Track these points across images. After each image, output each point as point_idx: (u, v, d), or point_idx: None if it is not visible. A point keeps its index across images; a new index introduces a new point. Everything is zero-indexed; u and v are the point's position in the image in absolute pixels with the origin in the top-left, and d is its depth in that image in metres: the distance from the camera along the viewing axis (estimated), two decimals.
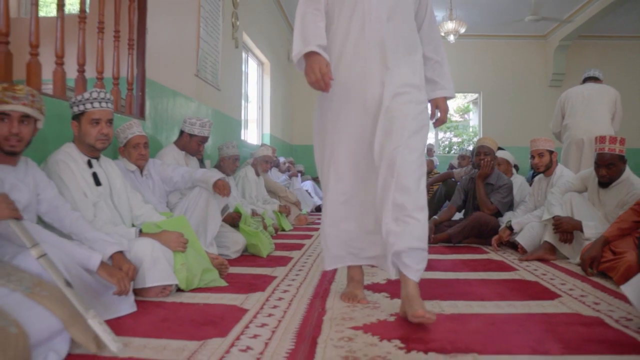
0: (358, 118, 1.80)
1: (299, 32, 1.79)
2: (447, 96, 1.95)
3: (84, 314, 1.37)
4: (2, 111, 1.60)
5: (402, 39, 1.79)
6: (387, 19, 1.76)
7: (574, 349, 1.44)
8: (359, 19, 1.76)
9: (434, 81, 1.93)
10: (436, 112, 1.96)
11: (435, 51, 1.93)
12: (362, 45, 1.77)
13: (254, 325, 1.64)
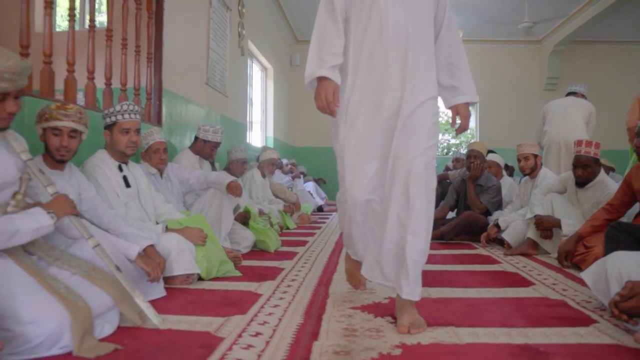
0: (375, 123, 1.76)
1: (315, 49, 1.78)
2: (469, 102, 1.86)
3: (131, 293, 1.67)
4: (55, 127, 1.90)
5: (419, 44, 1.75)
6: (405, 24, 1.72)
7: (535, 322, 1.74)
8: (376, 24, 1.72)
9: (453, 87, 1.85)
10: (457, 118, 1.87)
11: (455, 55, 1.86)
12: (379, 51, 1.73)
13: (268, 306, 1.93)
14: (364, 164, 1.76)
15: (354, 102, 1.78)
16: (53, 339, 1.38)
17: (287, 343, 1.50)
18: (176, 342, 1.51)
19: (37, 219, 1.56)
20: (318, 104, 1.75)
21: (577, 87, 4.96)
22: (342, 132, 1.81)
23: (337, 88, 1.75)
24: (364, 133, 1.76)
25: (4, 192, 1.60)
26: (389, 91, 1.73)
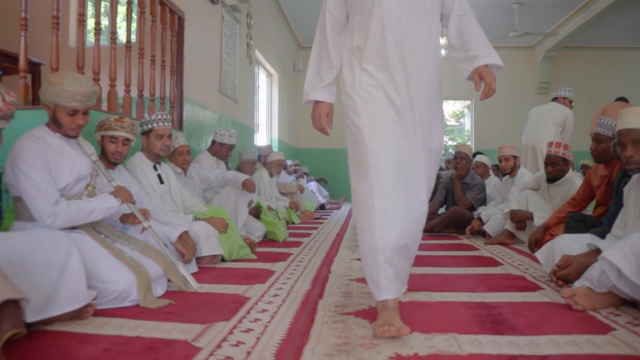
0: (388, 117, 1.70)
1: (314, 63, 1.83)
2: (491, 63, 1.72)
3: (176, 264, 2.13)
4: (112, 135, 2.37)
5: (422, 42, 1.71)
6: (407, 20, 1.68)
7: (493, 289, 2.20)
8: (378, 22, 1.69)
9: (471, 57, 1.73)
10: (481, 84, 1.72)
11: (470, 33, 1.76)
12: (383, 50, 1.69)
13: (282, 279, 2.39)
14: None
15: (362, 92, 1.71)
16: (125, 293, 1.85)
17: (299, 300, 1.96)
18: (214, 300, 1.98)
19: (108, 201, 2.03)
20: (314, 124, 1.85)
21: (560, 92, 5.35)
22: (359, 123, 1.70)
23: (331, 110, 1.84)
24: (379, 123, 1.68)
25: (80, 184, 2.06)
26: (396, 89, 1.68)
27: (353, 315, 1.76)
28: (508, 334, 1.56)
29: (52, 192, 1.90)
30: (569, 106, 5.38)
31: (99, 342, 1.45)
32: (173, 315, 1.75)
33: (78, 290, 1.61)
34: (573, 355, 1.38)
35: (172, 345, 1.42)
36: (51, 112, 2.00)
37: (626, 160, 2.08)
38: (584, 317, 1.76)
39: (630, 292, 1.78)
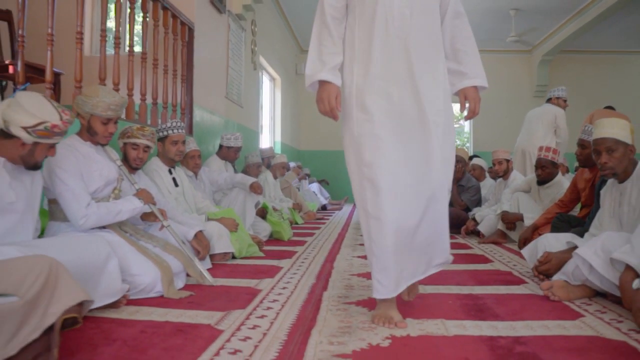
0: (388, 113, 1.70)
1: (314, 50, 1.77)
2: (477, 85, 1.79)
3: (193, 260, 2.36)
4: (134, 143, 2.59)
5: (426, 35, 1.73)
6: (411, 14, 1.69)
7: (481, 283, 2.42)
8: (382, 14, 1.69)
9: (461, 72, 1.79)
10: (466, 103, 1.79)
11: (461, 40, 1.80)
12: (386, 42, 1.69)
13: (289, 274, 2.61)
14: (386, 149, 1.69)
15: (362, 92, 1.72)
16: (151, 286, 2.07)
17: (305, 292, 2.18)
18: (229, 292, 2.20)
19: (133, 203, 2.26)
20: (320, 107, 1.73)
21: (553, 92, 5.47)
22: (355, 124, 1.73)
23: (339, 92, 1.74)
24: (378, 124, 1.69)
25: (108, 188, 2.28)
26: (398, 82, 1.69)
27: (354, 304, 1.99)
28: (490, 319, 1.78)
29: (84, 196, 2.12)
30: (563, 105, 5.50)
31: (134, 325, 1.68)
32: (194, 304, 1.97)
33: (114, 287, 1.84)
34: (543, 336, 1.60)
35: (197, 328, 1.65)
36: (85, 121, 2.23)
37: (601, 167, 2.30)
38: (559, 306, 1.98)
39: (601, 285, 2.00)
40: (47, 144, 1.79)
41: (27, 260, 1.35)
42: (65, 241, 1.80)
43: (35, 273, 1.30)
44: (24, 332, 1.18)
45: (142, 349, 1.45)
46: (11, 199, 1.76)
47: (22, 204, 1.82)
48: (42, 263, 1.34)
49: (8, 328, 1.15)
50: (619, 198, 2.35)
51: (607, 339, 1.58)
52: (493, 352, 1.45)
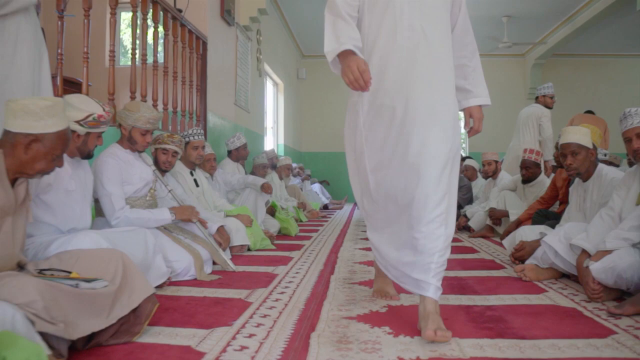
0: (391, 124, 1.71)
1: (331, 33, 1.70)
2: (482, 104, 1.84)
3: (218, 250, 2.75)
4: (164, 148, 2.97)
5: (436, 46, 1.70)
6: (420, 24, 1.68)
7: (467, 269, 2.81)
8: (391, 25, 1.68)
9: (466, 89, 1.82)
10: (470, 121, 1.85)
11: (469, 57, 1.82)
12: (394, 53, 1.68)
13: (300, 262, 3.00)
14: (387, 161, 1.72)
15: (368, 104, 1.74)
16: (185, 270, 2.46)
17: (315, 275, 2.57)
18: (250, 276, 2.59)
19: (163, 215, 2.56)
20: (349, 77, 1.59)
21: (540, 90, 5.62)
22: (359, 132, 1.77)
23: (367, 62, 1.63)
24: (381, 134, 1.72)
25: (145, 188, 2.67)
26: (405, 93, 1.67)
27: (357, 284, 2.38)
28: (469, 294, 2.17)
29: (119, 201, 2.48)
30: (550, 103, 5.67)
31: (180, 300, 2.06)
32: (224, 285, 2.36)
33: (161, 272, 2.23)
34: (510, 305, 1.99)
35: (231, 301, 2.03)
36: (127, 132, 2.61)
37: (567, 167, 2.68)
38: (528, 285, 2.37)
39: (564, 266, 2.39)
40: (96, 133, 2.15)
41: (104, 253, 1.73)
42: (127, 235, 2.17)
43: (114, 265, 1.66)
44: (116, 309, 1.55)
45: (191, 315, 1.83)
46: (72, 187, 2.12)
47: (79, 193, 2.17)
48: (116, 257, 1.70)
49: (107, 304, 1.52)
50: (583, 195, 2.74)
51: (560, 306, 1.97)
52: (468, 315, 1.84)
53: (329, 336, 1.58)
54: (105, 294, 1.52)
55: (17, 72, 2.31)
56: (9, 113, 1.55)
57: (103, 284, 1.54)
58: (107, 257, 1.70)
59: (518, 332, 1.64)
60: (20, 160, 1.54)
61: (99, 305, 1.50)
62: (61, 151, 1.62)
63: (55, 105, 1.59)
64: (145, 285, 1.70)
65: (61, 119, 1.60)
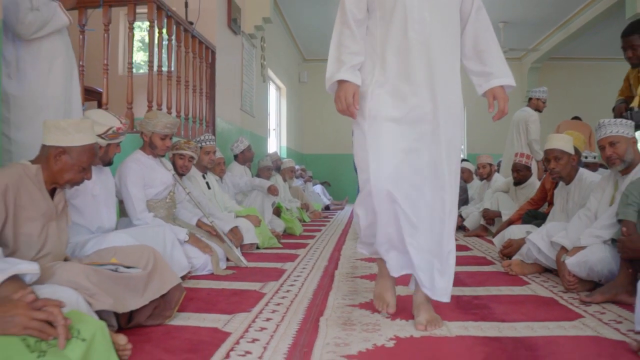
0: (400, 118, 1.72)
1: (334, 52, 1.78)
2: (506, 84, 1.78)
3: (232, 247, 3.00)
4: (181, 154, 3.22)
5: (446, 40, 1.72)
6: (430, 18, 1.68)
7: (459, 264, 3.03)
8: (401, 18, 1.69)
9: (486, 72, 1.76)
10: (495, 104, 1.78)
11: (485, 42, 1.77)
12: (405, 46, 1.69)
13: (306, 259, 3.25)
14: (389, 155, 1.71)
15: (378, 96, 1.73)
16: (203, 265, 2.71)
17: (321, 270, 2.82)
18: (261, 271, 2.84)
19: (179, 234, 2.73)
20: (338, 106, 1.73)
21: (534, 92, 5.72)
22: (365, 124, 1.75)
23: (357, 90, 1.73)
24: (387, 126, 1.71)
25: (165, 191, 2.92)
26: (414, 87, 1.69)
27: (359, 277, 2.63)
28: (459, 286, 2.42)
29: (140, 204, 2.73)
30: (542, 107, 5.84)
31: (201, 291, 2.31)
32: (238, 279, 2.61)
33: (182, 265, 2.48)
34: (495, 295, 2.24)
35: (247, 292, 2.28)
36: (148, 138, 2.86)
37: (550, 171, 2.94)
38: (514, 279, 2.62)
39: (546, 262, 2.64)
40: (115, 143, 2.40)
41: (136, 248, 1.98)
42: (148, 232, 2.43)
43: (146, 257, 1.91)
44: (149, 292, 1.80)
45: (213, 303, 2.09)
46: (97, 192, 2.37)
47: (103, 197, 2.42)
48: (147, 251, 1.95)
49: (140, 286, 1.76)
50: (566, 197, 3.00)
51: (540, 296, 2.22)
52: (457, 304, 2.09)
53: (335, 320, 1.83)
54: (138, 278, 1.77)
55: (52, 86, 2.57)
56: (44, 130, 1.79)
57: (138, 270, 1.80)
58: (139, 251, 1.95)
59: (499, 316, 1.89)
60: (52, 171, 1.76)
61: (133, 287, 1.74)
62: (88, 164, 1.82)
63: (82, 122, 1.83)
64: (173, 275, 1.94)
65: (88, 135, 1.80)
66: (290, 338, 1.62)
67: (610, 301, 2.05)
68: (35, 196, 1.74)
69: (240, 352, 1.48)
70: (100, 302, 1.52)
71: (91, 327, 1.30)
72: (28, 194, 1.73)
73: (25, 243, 1.71)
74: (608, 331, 1.69)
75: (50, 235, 1.79)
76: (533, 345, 1.55)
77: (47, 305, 1.22)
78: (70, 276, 1.54)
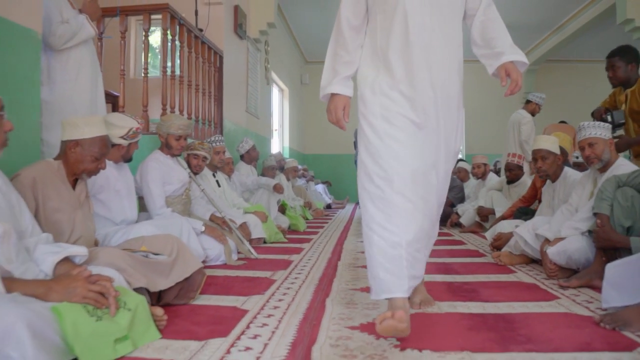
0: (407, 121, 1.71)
1: (330, 56, 1.82)
2: (517, 60, 1.74)
3: (243, 240, 3.24)
4: (195, 154, 3.46)
5: (447, 45, 1.72)
6: (431, 20, 1.69)
7: (454, 257, 3.30)
8: (402, 23, 1.69)
9: (497, 52, 1.74)
10: (507, 80, 1.72)
11: (495, 31, 1.76)
12: (406, 50, 1.69)
13: (311, 252, 3.49)
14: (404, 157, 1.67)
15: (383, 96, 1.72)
16: (217, 256, 2.95)
17: (325, 261, 3.06)
18: (270, 262, 3.07)
19: (196, 226, 3.00)
20: (329, 117, 1.81)
21: (534, 97, 5.91)
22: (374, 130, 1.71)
23: (348, 103, 1.79)
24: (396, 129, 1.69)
25: (182, 188, 3.16)
26: (417, 92, 1.70)
27: (360, 267, 2.87)
28: (452, 274, 2.66)
29: (160, 200, 2.97)
30: (536, 111, 6.09)
31: (217, 278, 2.55)
32: (249, 268, 2.84)
33: (198, 254, 2.71)
34: (483, 281, 2.48)
35: (259, 279, 2.52)
36: (164, 139, 3.10)
37: (537, 170, 3.17)
38: (502, 268, 2.86)
39: (532, 253, 2.88)
40: (135, 142, 2.64)
41: (161, 237, 2.22)
42: (167, 223, 2.67)
43: (170, 245, 2.15)
44: (174, 275, 2.03)
45: (229, 287, 2.33)
46: (119, 187, 2.61)
47: (125, 191, 2.65)
48: (171, 239, 2.19)
49: (166, 270, 2.00)
50: (552, 194, 3.23)
51: (524, 282, 2.46)
52: (448, 288, 2.33)
53: (339, 300, 2.07)
54: (165, 263, 2.01)
55: (79, 92, 2.82)
56: (62, 128, 2.04)
57: (164, 257, 2.04)
58: (164, 240, 2.19)
59: (485, 298, 2.12)
60: (69, 163, 2.01)
61: (161, 271, 1.98)
62: (100, 154, 2.04)
63: (91, 117, 2.09)
64: (195, 260, 2.18)
65: (97, 128, 2.03)
66: (300, 314, 1.86)
67: (585, 286, 2.28)
68: (59, 188, 1.99)
69: (258, 325, 1.72)
70: (136, 281, 1.76)
71: (135, 299, 1.55)
72: (53, 186, 1.97)
73: (56, 229, 1.94)
74: (579, 309, 1.93)
75: (77, 222, 2.03)
76: (511, 319, 1.79)
77: (100, 279, 1.46)
78: (111, 259, 1.78)
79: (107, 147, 2.12)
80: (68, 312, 1.31)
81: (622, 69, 3.34)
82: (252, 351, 1.46)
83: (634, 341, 1.54)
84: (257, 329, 1.68)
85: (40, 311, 1.26)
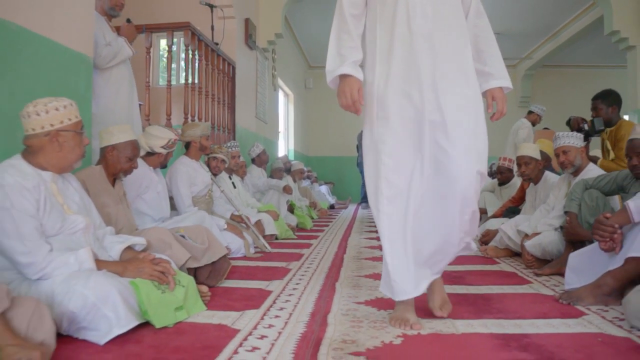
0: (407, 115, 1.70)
1: (334, 44, 1.76)
2: (504, 86, 1.79)
3: (259, 236, 3.64)
4: (214, 156, 3.86)
5: (451, 33, 1.70)
6: (433, 11, 1.68)
7: None
8: (403, 13, 1.68)
9: (486, 72, 1.77)
10: (493, 104, 1.79)
11: (484, 41, 1.78)
12: (408, 41, 1.68)
13: (319, 247, 3.88)
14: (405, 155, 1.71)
15: (383, 92, 1.72)
16: (238, 249, 3.36)
17: (332, 255, 3.46)
18: (283, 255, 3.47)
19: (219, 223, 3.43)
20: (342, 101, 1.71)
21: (536, 108, 6.46)
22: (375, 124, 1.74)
23: (361, 85, 1.72)
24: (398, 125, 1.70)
25: (205, 189, 3.56)
26: (420, 82, 1.67)
27: (364, 259, 3.27)
28: None
29: (187, 200, 3.37)
30: (537, 121, 6.57)
31: (240, 268, 2.95)
32: (266, 260, 3.24)
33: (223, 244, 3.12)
34: (472, 270, 2.88)
35: (276, 268, 2.92)
36: (197, 143, 3.49)
37: (521, 174, 3.57)
38: (488, 260, 3.25)
39: (515, 247, 3.28)
40: (172, 150, 3.04)
41: (194, 227, 2.62)
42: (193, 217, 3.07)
43: (202, 234, 2.56)
44: (205, 258, 2.44)
45: (252, 275, 2.73)
46: (159, 189, 3.01)
47: (162, 192, 3.05)
48: (203, 230, 2.60)
49: (199, 255, 2.40)
50: (535, 195, 3.63)
51: (505, 271, 2.86)
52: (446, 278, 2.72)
53: (347, 283, 2.47)
54: (197, 248, 2.42)
55: (119, 106, 3.22)
56: (99, 138, 2.45)
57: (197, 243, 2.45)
58: (197, 230, 2.59)
59: (469, 282, 2.52)
60: (108, 165, 2.41)
61: (195, 254, 2.39)
62: (132, 155, 2.44)
63: (122, 126, 2.50)
64: (222, 247, 2.60)
65: (128, 134, 2.44)
66: (315, 293, 2.26)
67: (556, 273, 2.68)
68: (102, 187, 2.39)
69: (282, 301, 2.12)
70: (181, 257, 2.18)
71: (186, 278, 1.95)
72: (97, 186, 2.37)
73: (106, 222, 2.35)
74: (546, 290, 2.33)
75: (120, 215, 2.43)
76: (488, 298, 2.19)
77: (162, 262, 1.87)
78: (159, 234, 2.20)
79: (137, 149, 2.52)
80: (142, 286, 1.72)
81: (604, 111, 3.73)
82: (280, 318, 1.86)
83: (582, 312, 1.93)
84: (282, 303, 2.08)
85: (124, 283, 1.67)
